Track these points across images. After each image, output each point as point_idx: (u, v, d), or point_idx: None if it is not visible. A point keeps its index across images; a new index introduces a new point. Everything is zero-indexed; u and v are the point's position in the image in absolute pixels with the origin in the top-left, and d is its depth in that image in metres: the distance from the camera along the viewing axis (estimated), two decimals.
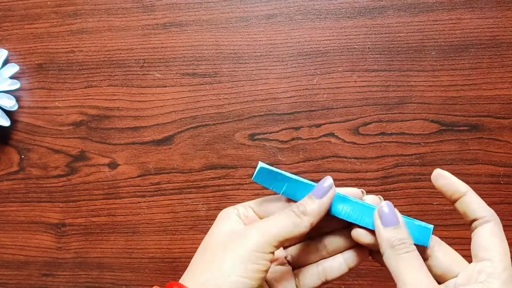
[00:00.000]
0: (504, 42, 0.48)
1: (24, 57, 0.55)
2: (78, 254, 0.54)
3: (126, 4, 0.53)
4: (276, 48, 0.51)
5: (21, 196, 0.55)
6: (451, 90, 0.49)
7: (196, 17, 0.52)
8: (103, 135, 0.54)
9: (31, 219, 0.55)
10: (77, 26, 0.54)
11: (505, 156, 0.48)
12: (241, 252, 0.29)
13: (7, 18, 0.55)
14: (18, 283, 0.55)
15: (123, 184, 0.53)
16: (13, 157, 0.55)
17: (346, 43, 0.50)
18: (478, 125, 0.49)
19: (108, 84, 0.54)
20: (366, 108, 0.50)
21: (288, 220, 0.30)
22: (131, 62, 0.53)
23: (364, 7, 0.50)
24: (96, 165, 0.54)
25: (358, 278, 0.50)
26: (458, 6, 0.49)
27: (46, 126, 0.55)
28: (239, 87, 0.52)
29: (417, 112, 0.49)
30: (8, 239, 0.55)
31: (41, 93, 0.55)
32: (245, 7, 0.52)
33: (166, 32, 0.53)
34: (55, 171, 0.55)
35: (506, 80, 0.48)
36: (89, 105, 0.54)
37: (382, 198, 0.33)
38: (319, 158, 0.50)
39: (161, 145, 0.53)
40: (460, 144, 0.49)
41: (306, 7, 0.51)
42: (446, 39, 0.49)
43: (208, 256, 0.31)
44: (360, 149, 0.50)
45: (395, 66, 0.50)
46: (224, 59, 0.52)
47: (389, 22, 0.50)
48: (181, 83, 0.53)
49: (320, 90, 0.51)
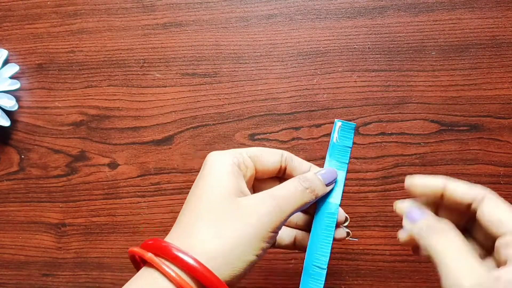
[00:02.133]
0: (504, 42, 0.48)
1: (24, 57, 0.55)
2: (78, 254, 0.54)
3: (126, 4, 0.53)
4: (276, 48, 0.51)
5: (21, 196, 0.55)
6: (451, 90, 0.49)
7: (196, 17, 0.52)
8: (103, 135, 0.54)
9: (31, 219, 0.55)
10: (77, 26, 0.54)
11: (505, 156, 0.48)
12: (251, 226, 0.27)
13: (7, 18, 0.56)
14: (18, 283, 0.55)
15: (123, 184, 0.53)
16: (13, 157, 0.55)
17: (346, 43, 0.50)
18: (478, 125, 0.49)
19: (108, 84, 0.54)
20: (366, 108, 0.50)
21: (302, 199, 0.30)
22: (131, 62, 0.53)
23: (364, 7, 0.50)
24: (96, 165, 0.54)
25: (358, 278, 0.50)
26: (458, 6, 0.49)
27: (46, 126, 0.55)
28: (239, 87, 0.52)
29: (417, 112, 0.49)
30: (8, 239, 0.55)
31: (41, 93, 0.55)
32: (245, 7, 0.52)
33: (166, 32, 0.53)
34: (55, 171, 0.55)
35: (506, 80, 0.48)
36: (89, 105, 0.54)
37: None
38: (319, 158, 0.50)
39: (161, 145, 0.53)
40: (460, 144, 0.49)
41: (306, 7, 0.51)
42: (446, 39, 0.49)
43: (207, 215, 0.28)
44: (360, 149, 0.50)
45: (395, 66, 0.50)
46: (224, 59, 0.52)
47: (389, 22, 0.50)
48: (181, 83, 0.53)
49: (320, 90, 0.51)
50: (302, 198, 0.30)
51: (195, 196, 0.30)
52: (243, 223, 0.28)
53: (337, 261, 0.50)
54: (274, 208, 0.29)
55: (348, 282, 0.50)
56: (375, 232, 0.49)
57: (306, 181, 0.31)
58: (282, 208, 0.29)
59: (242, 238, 0.27)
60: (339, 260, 0.50)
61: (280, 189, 0.30)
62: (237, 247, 0.27)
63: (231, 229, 0.27)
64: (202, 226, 0.28)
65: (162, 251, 0.27)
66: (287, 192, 0.30)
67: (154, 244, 0.28)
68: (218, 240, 0.27)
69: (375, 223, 0.49)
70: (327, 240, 0.33)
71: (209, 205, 0.28)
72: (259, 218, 0.28)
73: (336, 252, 0.50)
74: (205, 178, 0.30)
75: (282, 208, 0.29)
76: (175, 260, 0.26)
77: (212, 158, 0.31)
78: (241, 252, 0.27)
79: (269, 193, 0.30)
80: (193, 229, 0.28)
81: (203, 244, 0.27)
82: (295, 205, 0.30)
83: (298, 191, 0.30)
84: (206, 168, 0.31)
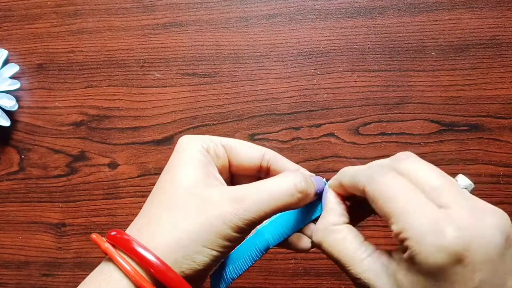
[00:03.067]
0: (504, 42, 0.48)
1: (24, 57, 0.55)
2: (78, 254, 0.54)
3: (126, 4, 0.53)
4: (276, 48, 0.51)
5: (21, 196, 0.55)
6: (451, 90, 0.49)
7: (196, 17, 0.52)
8: (103, 135, 0.54)
9: (31, 219, 0.55)
10: (77, 26, 0.54)
11: (505, 156, 0.48)
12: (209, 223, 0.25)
13: (7, 18, 0.55)
14: (18, 283, 0.55)
15: (123, 184, 0.53)
16: (13, 157, 0.55)
17: (346, 43, 0.50)
18: (478, 125, 0.49)
19: (108, 84, 0.54)
20: (366, 108, 0.50)
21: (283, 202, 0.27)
22: (131, 62, 0.53)
23: (364, 7, 0.50)
24: (96, 165, 0.54)
25: None
26: (458, 6, 0.49)
27: (46, 126, 0.55)
28: (239, 87, 0.52)
29: (417, 112, 0.49)
30: (8, 239, 0.55)
31: (41, 93, 0.55)
32: (245, 7, 0.52)
33: (166, 32, 0.53)
34: (55, 171, 0.55)
35: (506, 80, 0.48)
36: (89, 105, 0.54)
37: None
38: (319, 158, 0.50)
39: (161, 145, 0.53)
40: (460, 144, 0.49)
41: (306, 7, 0.51)
42: (446, 39, 0.49)
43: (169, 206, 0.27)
44: (360, 149, 0.50)
45: (395, 66, 0.50)
46: (224, 59, 0.52)
47: (389, 22, 0.50)
48: (181, 83, 0.53)
49: (320, 90, 0.50)
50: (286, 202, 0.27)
51: (160, 187, 0.28)
52: (204, 217, 0.26)
53: None
54: (241, 211, 0.26)
55: (348, 282, 0.50)
56: (375, 232, 0.49)
57: (305, 183, 0.27)
58: (253, 212, 0.26)
59: (200, 233, 0.25)
60: None
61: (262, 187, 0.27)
62: (195, 240, 0.25)
63: (190, 222, 0.26)
64: (163, 218, 0.27)
65: (120, 243, 0.26)
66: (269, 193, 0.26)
67: (115, 236, 0.27)
68: (176, 232, 0.26)
69: (375, 223, 0.49)
70: (248, 261, 0.30)
71: (172, 197, 0.27)
72: (219, 215, 0.26)
73: None
74: (171, 169, 0.28)
75: (253, 211, 0.26)
76: (131, 252, 0.25)
77: (181, 146, 0.29)
78: (200, 246, 0.25)
79: (244, 190, 0.27)
80: (154, 221, 0.27)
81: (161, 236, 0.26)
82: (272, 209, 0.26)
83: (286, 193, 0.27)
84: (174, 156, 0.29)
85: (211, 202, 0.26)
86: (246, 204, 0.26)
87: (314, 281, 0.50)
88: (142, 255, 0.25)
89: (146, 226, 0.27)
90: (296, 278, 0.50)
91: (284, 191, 0.27)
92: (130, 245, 0.26)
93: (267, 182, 0.27)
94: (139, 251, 0.25)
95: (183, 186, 0.27)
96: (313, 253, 0.50)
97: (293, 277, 0.51)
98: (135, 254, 0.25)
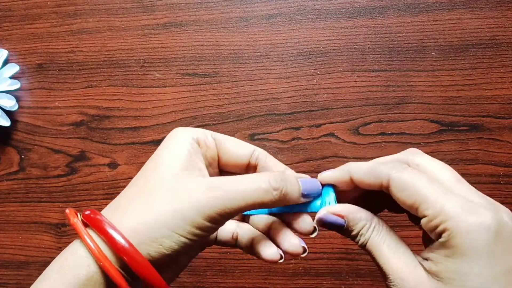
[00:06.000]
0: (504, 42, 0.48)
1: (24, 57, 0.55)
2: None
3: (126, 4, 0.53)
4: (276, 48, 0.51)
5: (21, 196, 0.55)
6: (451, 90, 0.49)
7: (196, 17, 0.52)
8: (103, 135, 0.54)
9: (31, 219, 0.55)
10: (77, 26, 0.54)
11: (505, 156, 0.48)
12: (180, 208, 0.25)
13: (7, 18, 0.56)
14: (18, 283, 0.55)
15: (123, 184, 0.53)
16: (13, 157, 0.55)
17: (346, 43, 0.50)
18: (478, 125, 0.49)
19: (108, 84, 0.54)
20: (366, 108, 0.50)
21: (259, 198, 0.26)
22: (131, 62, 0.53)
23: (364, 7, 0.50)
24: (96, 165, 0.54)
25: (358, 278, 0.50)
26: (458, 6, 0.49)
27: (46, 126, 0.55)
28: (239, 87, 0.52)
29: (417, 112, 0.49)
30: (8, 239, 0.55)
31: (41, 93, 0.55)
32: (245, 7, 0.52)
33: (166, 32, 0.53)
34: (55, 171, 0.55)
35: (506, 80, 0.48)
36: (89, 105, 0.54)
37: None
38: (319, 158, 0.50)
39: None
40: (460, 144, 0.49)
41: (306, 7, 0.51)
42: (446, 39, 0.49)
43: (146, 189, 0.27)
44: (360, 149, 0.50)
45: (395, 66, 0.50)
46: (224, 59, 0.52)
47: (389, 22, 0.50)
48: (181, 83, 0.53)
49: (320, 90, 0.50)
50: (261, 197, 0.26)
51: (143, 172, 0.29)
52: (177, 202, 0.26)
53: (337, 261, 0.50)
54: (213, 200, 0.26)
55: (348, 282, 0.50)
56: None
57: (280, 181, 0.27)
58: (226, 202, 0.26)
59: (170, 217, 0.25)
60: (339, 260, 0.50)
61: (237, 180, 0.27)
62: (164, 224, 0.25)
63: (162, 206, 0.26)
64: (136, 200, 0.27)
65: (91, 222, 0.26)
66: (244, 186, 0.26)
67: (89, 215, 0.27)
68: (146, 215, 0.26)
69: None
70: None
71: (151, 182, 0.27)
72: (190, 201, 0.26)
73: (336, 252, 0.50)
74: (156, 156, 0.29)
75: (226, 202, 0.26)
76: (100, 231, 0.26)
77: (171, 135, 0.29)
78: (169, 230, 0.25)
79: (220, 180, 0.27)
80: (129, 203, 0.27)
81: (131, 218, 0.26)
82: (247, 203, 0.26)
83: (261, 188, 0.26)
84: (162, 144, 0.29)
85: (187, 190, 0.26)
86: (219, 193, 0.26)
87: (314, 281, 0.50)
88: (109, 234, 0.25)
89: (120, 207, 0.27)
90: (296, 278, 0.50)
91: (258, 186, 0.26)
92: (99, 224, 0.26)
93: (243, 176, 0.28)
94: (107, 229, 0.25)
95: (163, 172, 0.27)
96: (313, 253, 0.50)
97: (293, 277, 0.51)
98: (103, 233, 0.25)
